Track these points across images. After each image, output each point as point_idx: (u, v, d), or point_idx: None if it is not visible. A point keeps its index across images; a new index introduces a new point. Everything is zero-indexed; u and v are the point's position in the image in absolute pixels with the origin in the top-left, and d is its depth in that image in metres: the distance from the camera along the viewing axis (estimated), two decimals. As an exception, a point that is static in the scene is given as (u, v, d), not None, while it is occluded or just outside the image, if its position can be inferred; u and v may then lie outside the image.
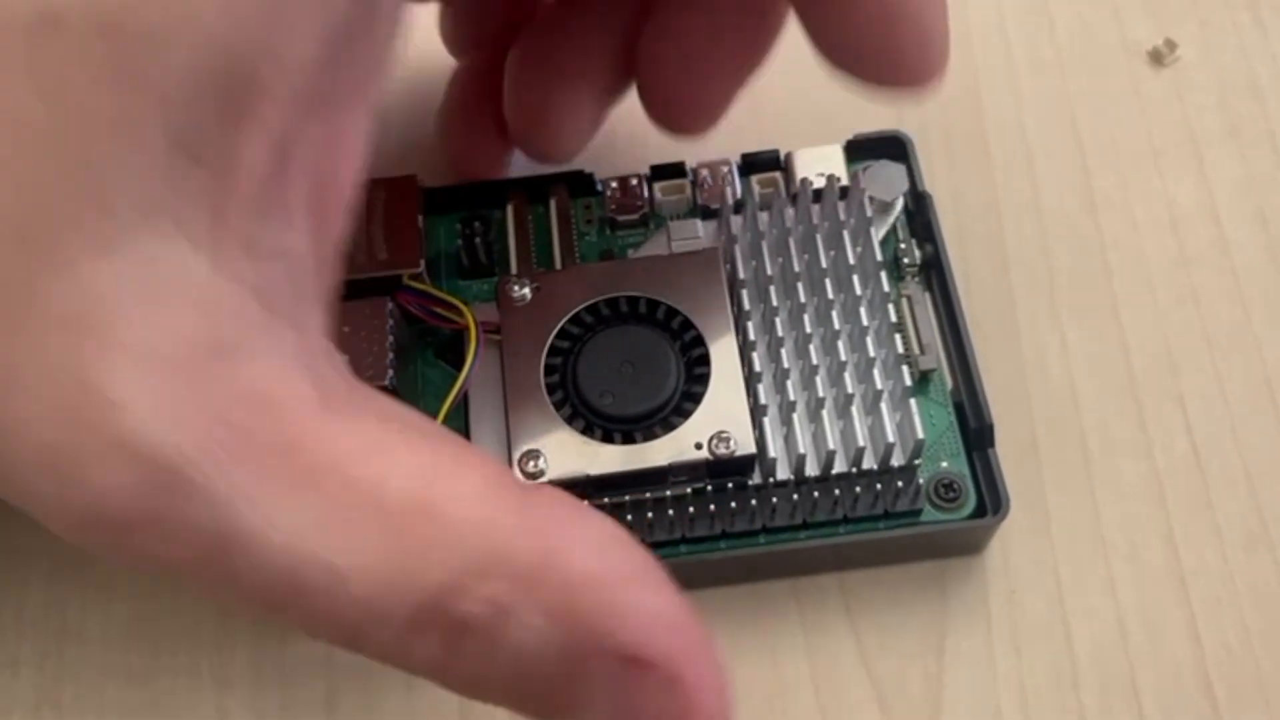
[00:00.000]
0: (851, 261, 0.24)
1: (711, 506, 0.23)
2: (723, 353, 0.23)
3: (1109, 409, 0.25)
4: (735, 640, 0.24)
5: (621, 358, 0.23)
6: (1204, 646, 0.23)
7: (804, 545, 0.23)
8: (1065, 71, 0.30)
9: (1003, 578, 0.24)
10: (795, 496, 0.23)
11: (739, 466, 0.23)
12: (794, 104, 0.29)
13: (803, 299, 0.24)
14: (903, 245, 0.26)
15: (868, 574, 0.24)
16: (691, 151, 0.27)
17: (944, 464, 0.24)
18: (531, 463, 0.22)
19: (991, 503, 0.23)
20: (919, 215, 0.26)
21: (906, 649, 0.23)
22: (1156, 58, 0.30)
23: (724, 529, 0.23)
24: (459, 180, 0.27)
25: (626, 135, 0.29)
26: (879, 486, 0.23)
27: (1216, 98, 0.29)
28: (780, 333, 0.24)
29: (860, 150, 0.27)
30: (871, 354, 0.23)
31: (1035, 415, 0.25)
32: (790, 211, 0.25)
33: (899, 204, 0.26)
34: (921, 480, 0.23)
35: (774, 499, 0.23)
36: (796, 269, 0.24)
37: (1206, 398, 0.25)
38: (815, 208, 0.25)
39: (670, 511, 0.23)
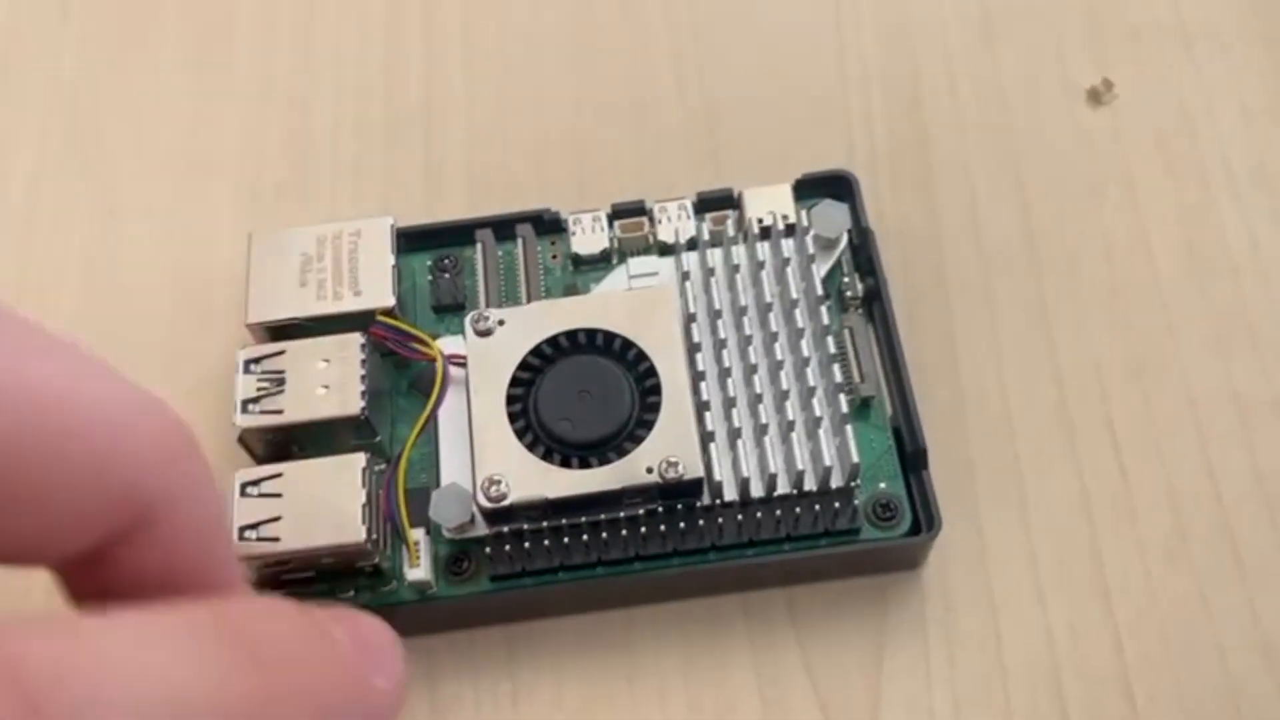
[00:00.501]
0: (795, 296, 0.26)
1: (663, 527, 0.24)
2: (673, 382, 0.25)
3: (1042, 432, 0.27)
4: (686, 652, 0.25)
5: (579, 387, 0.25)
6: (1126, 655, 0.24)
7: (750, 562, 0.25)
8: (1007, 109, 0.31)
9: (940, 592, 0.25)
10: (740, 517, 0.25)
11: (688, 489, 0.24)
12: (747, 144, 0.31)
13: (749, 331, 0.26)
14: (846, 279, 0.27)
15: (812, 588, 0.26)
16: (651, 190, 0.29)
17: (882, 485, 0.25)
18: (494, 487, 0.24)
19: (925, 521, 0.25)
20: (862, 250, 0.28)
21: (848, 659, 0.25)
22: (1094, 97, 0.31)
23: (675, 548, 0.25)
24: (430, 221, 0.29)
25: (593, 174, 0.31)
26: (819, 507, 0.25)
27: (1151, 135, 0.31)
28: (728, 363, 0.25)
29: (809, 188, 0.28)
30: (812, 383, 0.25)
31: (972, 438, 0.27)
32: (740, 248, 0.27)
33: (843, 240, 0.27)
34: (859, 500, 0.25)
35: (721, 519, 0.25)
36: (744, 303, 0.26)
37: (1134, 421, 0.27)
38: (763, 245, 0.27)
39: (624, 532, 0.25)
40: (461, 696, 0.25)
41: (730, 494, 0.25)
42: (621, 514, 0.24)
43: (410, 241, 0.28)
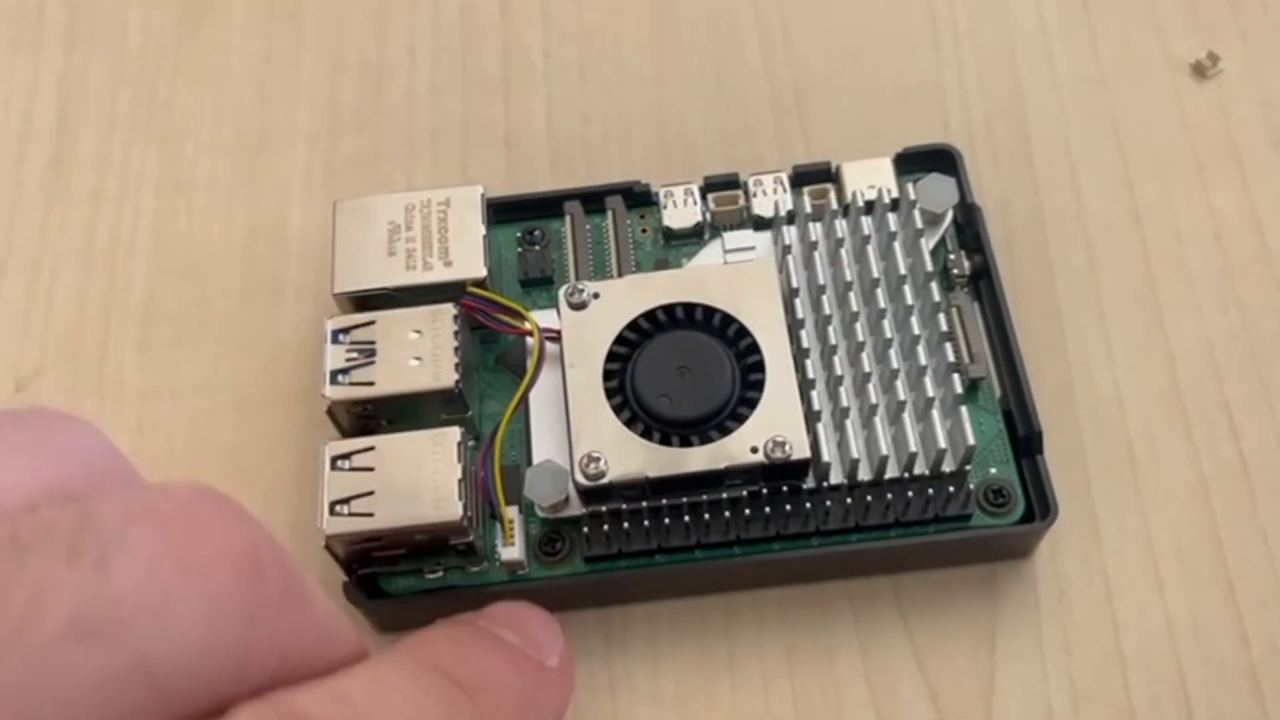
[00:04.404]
0: (902, 271, 0.25)
1: (766, 509, 0.23)
2: (777, 359, 0.24)
3: (1155, 416, 0.26)
4: (789, 638, 0.24)
5: (678, 363, 0.24)
6: (1251, 647, 0.23)
7: (856, 548, 0.24)
8: (1108, 84, 0.30)
9: (1052, 579, 0.24)
10: (848, 500, 0.24)
11: (793, 470, 0.23)
12: (836, 119, 0.30)
13: (855, 308, 0.25)
14: (952, 256, 0.26)
15: (920, 576, 0.25)
16: (735, 165, 0.28)
17: (993, 470, 0.24)
18: (593, 464, 0.23)
19: (1040, 508, 0.24)
20: (968, 227, 0.26)
21: (958, 648, 0.24)
22: (1199, 71, 0.30)
23: (778, 531, 0.24)
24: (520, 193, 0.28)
25: (676, 147, 0.30)
26: (930, 491, 0.23)
27: (1259, 110, 0.30)
28: (833, 340, 0.24)
29: (909, 163, 0.27)
30: (923, 362, 0.24)
31: (1083, 422, 0.26)
32: (842, 223, 0.26)
33: (949, 216, 0.26)
34: (971, 486, 0.24)
35: (827, 502, 0.24)
36: (849, 278, 0.25)
37: (1251, 404, 0.26)
38: (866, 219, 0.26)
39: (726, 514, 0.24)
40: (555, 682, 0.24)
41: (837, 476, 0.24)
42: (723, 495, 0.23)
43: (496, 213, 0.27)
